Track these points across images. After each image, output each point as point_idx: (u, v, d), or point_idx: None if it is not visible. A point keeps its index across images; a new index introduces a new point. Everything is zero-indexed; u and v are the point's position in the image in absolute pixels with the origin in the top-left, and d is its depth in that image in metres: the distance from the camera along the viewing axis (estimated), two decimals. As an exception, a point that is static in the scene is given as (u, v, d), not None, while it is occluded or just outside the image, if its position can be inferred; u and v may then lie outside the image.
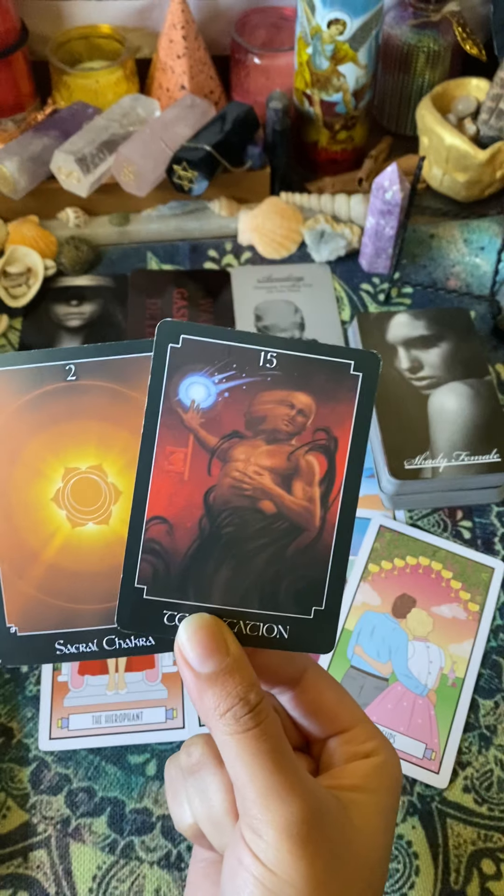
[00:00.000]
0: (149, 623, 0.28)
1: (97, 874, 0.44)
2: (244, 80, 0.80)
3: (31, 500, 0.29)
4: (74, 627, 0.30)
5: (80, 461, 0.29)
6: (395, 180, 0.66)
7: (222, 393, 0.27)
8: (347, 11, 0.67)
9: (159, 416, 0.27)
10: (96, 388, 0.28)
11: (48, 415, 0.29)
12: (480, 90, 0.76)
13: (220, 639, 0.27)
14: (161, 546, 0.28)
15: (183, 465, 0.28)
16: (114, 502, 0.29)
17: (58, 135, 0.72)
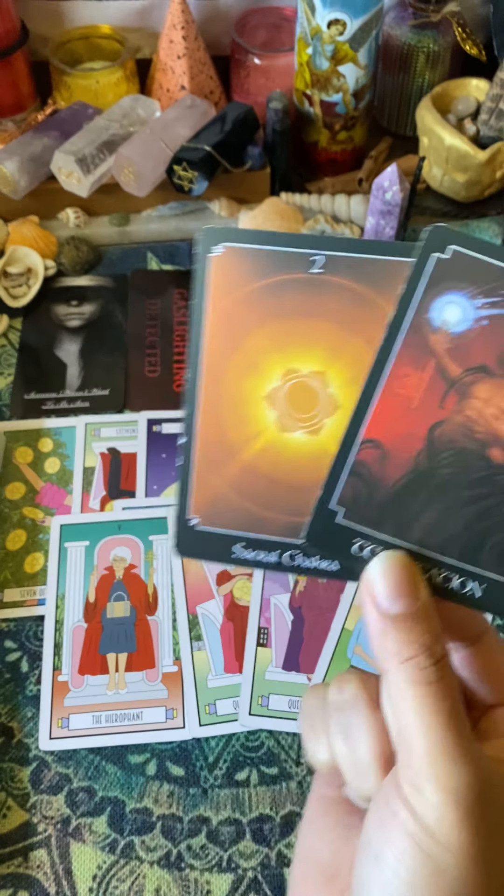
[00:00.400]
0: (338, 547, 0.26)
1: (97, 874, 0.44)
2: (244, 80, 0.80)
3: (242, 393, 0.27)
4: (258, 533, 0.27)
5: (305, 363, 0.26)
6: (395, 180, 0.66)
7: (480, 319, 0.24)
8: (347, 12, 0.67)
9: (403, 332, 0.25)
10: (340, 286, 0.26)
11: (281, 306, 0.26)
12: (480, 90, 0.76)
13: (413, 581, 0.25)
14: (369, 471, 0.25)
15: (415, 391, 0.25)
16: (330, 414, 0.26)
17: (58, 135, 0.72)
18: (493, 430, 0.24)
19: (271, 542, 0.27)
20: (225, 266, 0.27)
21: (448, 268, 0.24)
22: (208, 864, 0.45)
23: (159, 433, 0.62)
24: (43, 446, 0.61)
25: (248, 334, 0.26)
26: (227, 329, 0.27)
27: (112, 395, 0.65)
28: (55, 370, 0.66)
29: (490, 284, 0.24)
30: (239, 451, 0.27)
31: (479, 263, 0.24)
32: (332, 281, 0.26)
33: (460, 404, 0.25)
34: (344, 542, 0.26)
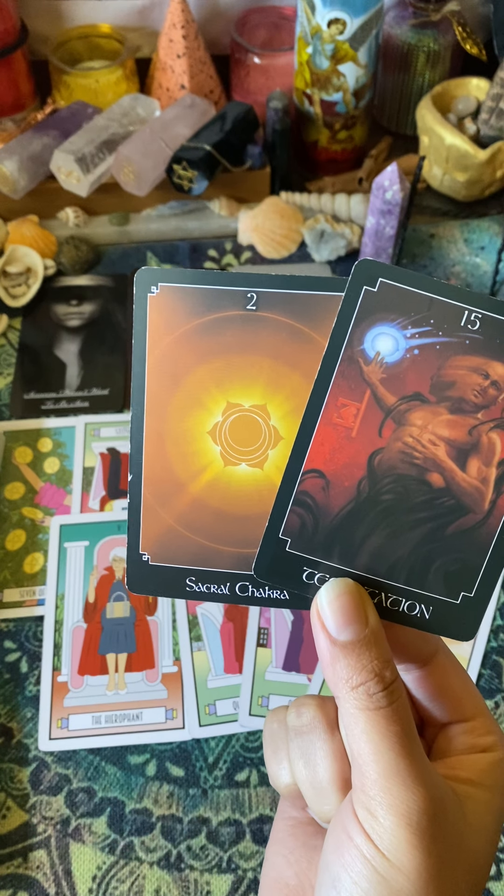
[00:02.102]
0: (287, 576, 0.27)
1: (97, 874, 0.44)
2: (244, 79, 0.80)
3: (186, 430, 0.28)
4: (209, 567, 0.28)
5: (245, 398, 0.27)
6: (396, 180, 0.66)
7: (412, 349, 0.25)
8: (347, 11, 0.67)
9: (338, 364, 0.25)
10: (276, 322, 0.26)
11: (220, 343, 0.27)
12: (480, 90, 0.76)
13: (361, 607, 0.26)
14: (314, 501, 0.26)
15: (353, 421, 0.26)
16: (272, 447, 0.27)
17: (57, 134, 0.72)
18: (431, 456, 0.25)
19: (223, 574, 0.28)
20: (162, 306, 0.27)
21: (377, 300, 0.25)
22: (208, 864, 0.45)
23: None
24: (42, 446, 0.61)
25: (190, 371, 0.27)
26: (168, 367, 0.27)
27: (112, 395, 0.64)
28: (55, 370, 0.66)
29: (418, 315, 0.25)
30: (186, 486, 0.28)
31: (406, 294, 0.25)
32: (268, 317, 0.26)
33: (398, 432, 0.26)
34: (293, 571, 0.26)
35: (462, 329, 0.25)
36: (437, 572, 0.26)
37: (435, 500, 0.26)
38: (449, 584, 0.26)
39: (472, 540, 0.26)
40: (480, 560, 0.26)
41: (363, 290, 0.25)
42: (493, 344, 0.24)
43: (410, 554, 0.26)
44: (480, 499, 0.26)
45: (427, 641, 0.28)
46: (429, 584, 0.26)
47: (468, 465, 0.26)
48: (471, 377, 0.25)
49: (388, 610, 0.26)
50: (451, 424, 0.25)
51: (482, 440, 0.25)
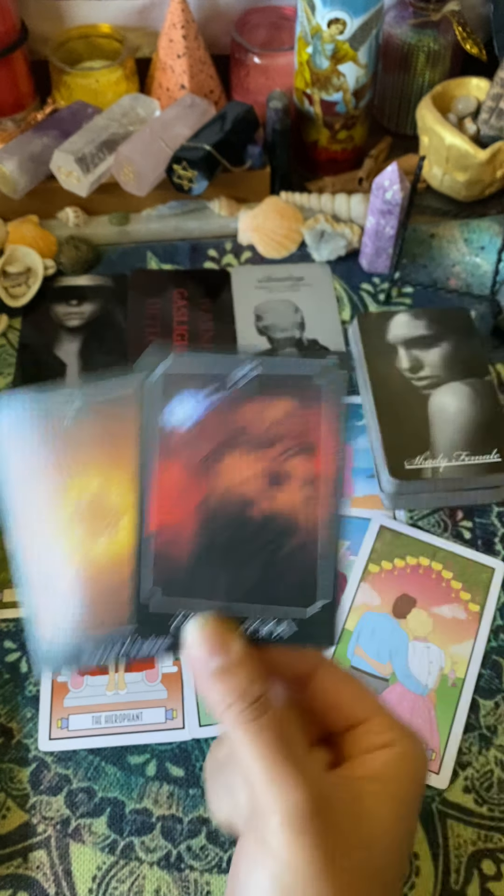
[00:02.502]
0: (160, 625, 0.30)
1: (97, 874, 0.44)
2: (244, 79, 0.80)
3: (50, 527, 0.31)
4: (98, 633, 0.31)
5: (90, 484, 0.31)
6: (396, 180, 0.66)
7: (208, 408, 0.29)
8: (347, 11, 0.67)
9: (152, 435, 0.29)
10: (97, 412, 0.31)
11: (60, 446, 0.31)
12: (481, 90, 0.76)
13: (223, 637, 0.28)
14: (166, 552, 0.29)
15: (177, 479, 0.29)
16: (121, 518, 0.31)
17: (57, 134, 0.72)
18: (243, 494, 0.29)
19: (111, 637, 0.31)
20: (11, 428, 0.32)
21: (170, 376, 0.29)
22: (208, 864, 0.45)
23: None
24: (42, 446, 0.61)
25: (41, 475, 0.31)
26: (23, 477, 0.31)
27: (112, 395, 0.64)
28: (55, 370, 0.66)
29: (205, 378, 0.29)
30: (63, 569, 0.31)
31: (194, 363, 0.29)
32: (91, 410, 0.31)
33: (213, 480, 0.29)
34: (164, 620, 0.30)
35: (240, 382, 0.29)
36: (286, 590, 0.29)
37: (263, 528, 0.29)
38: (297, 597, 0.29)
39: (305, 554, 0.29)
40: (314, 571, 0.29)
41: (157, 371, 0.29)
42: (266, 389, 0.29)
43: (258, 580, 0.29)
44: (299, 517, 0.29)
45: (303, 658, 0.31)
46: (281, 601, 0.29)
47: (280, 493, 0.29)
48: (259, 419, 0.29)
49: (253, 634, 0.29)
50: (256, 461, 0.29)
51: (284, 468, 0.29)
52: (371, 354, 0.61)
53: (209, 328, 0.69)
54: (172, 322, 0.70)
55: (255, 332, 0.69)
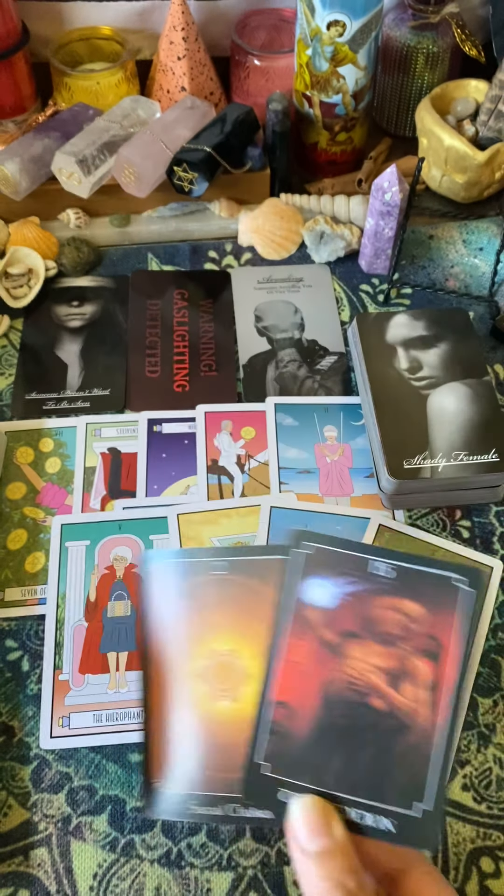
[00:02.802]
0: (266, 796, 0.31)
1: (98, 872, 0.44)
2: (244, 81, 0.80)
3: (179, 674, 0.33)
4: (206, 791, 0.33)
5: (222, 644, 0.33)
6: (395, 181, 0.66)
7: (344, 596, 0.31)
8: (347, 13, 0.67)
9: (288, 613, 0.31)
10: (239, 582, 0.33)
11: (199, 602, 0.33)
12: (479, 91, 0.76)
13: (326, 821, 0.28)
14: (283, 728, 0.31)
15: (306, 658, 0.31)
16: (245, 683, 0.33)
17: (59, 136, 0.73)
18: (371, 683, 0.30)
19: (217, 797, 0.32)
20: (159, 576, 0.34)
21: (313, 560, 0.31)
22: (208, 862, 0.45)
23: (160, 433, 0.62)
24: (44, 446, 0.61)
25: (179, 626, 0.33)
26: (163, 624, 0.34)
27: (112, 396, 0.65)
28: (56, 370, 0.67)
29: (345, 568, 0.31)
30: (183, 721, 0.33)
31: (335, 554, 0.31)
32: (233, 579, 0.33)
33: (340, 664, 0.30)
34: (271, 792, 0.30)
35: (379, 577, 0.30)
36: (392, 787, 0.30)
37: (380, 721, 0.30)
38: (403, 796, 0.30)
39: (416, 755, 0.29)
40: (426, 773, 0.29)
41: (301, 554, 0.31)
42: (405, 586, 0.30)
43: (366, 771, 0.30)
44: (417, 717, 0.29)
45: (399, 855, 0.30)
46: (386, 797, 0.30)
47: (402, 689, 0.30)
48: (392, 615, 0.30)
49: (355, 823, 0.30)
50: (383, 655, 0.30)
51: (410, 666, 0.30)
52: (370, 355, 0.62)
53: (209, 329, 0.69)
54: (173, 323, 0.70)
55: (256, 333, 0.69)
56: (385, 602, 0.30)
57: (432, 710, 0.29)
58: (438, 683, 0.29)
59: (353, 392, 0.65)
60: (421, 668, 0.30)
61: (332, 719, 0.30)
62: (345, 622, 0.30)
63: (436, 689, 0.29)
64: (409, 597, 0.30)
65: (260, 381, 0.66)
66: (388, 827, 0.30)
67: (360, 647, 0.30)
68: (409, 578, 0.30)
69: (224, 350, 0.68)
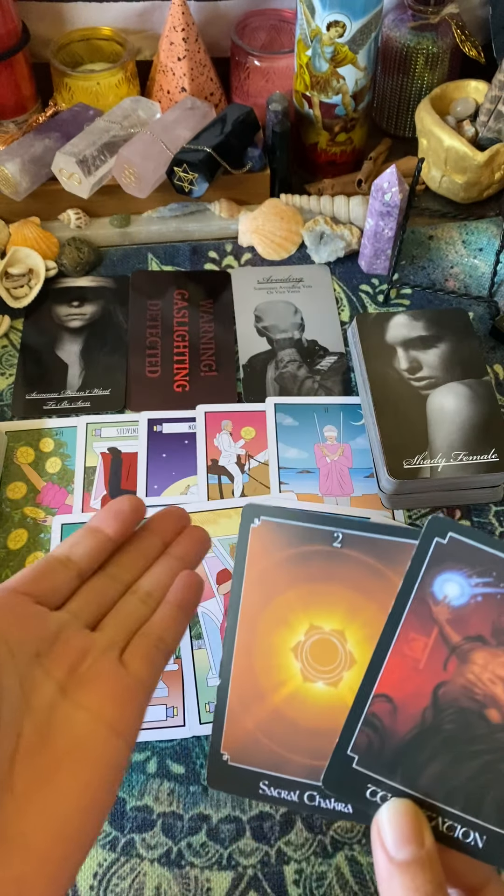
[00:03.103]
0: (352, 791, 0.29)
1: (98, 871, 0.44)
2: (244, 82, 0.80)
3: (272, 644, 0.31)
4: (281, 773, 0.31)
5: (326, 622, 0.31)
6: (395, 182, 0.66)
7: (476, 596, 0.28)
8: (347, 13, 0.67)
9: (410, 602, 0.28)
10: (357, 559, 0.30)
11: (308, 572, 0.31)
12: (479, 92, 0.76)
13: (418, 829, 0.27)
14: (381, 723, 0.29)
15: (421, 654, 0.28)
16: (347, 668, 0.30)
17: (59, 136, 0.73)
18: (491, 693, 0.28)
19: (293, 782, 0.31)
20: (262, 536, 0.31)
21: (447, 550, 0.28)
22: (208, 861, 0.45)
23: (160, 433, 0.62)
24: (44, 446, 0.62)
25: (280, 593, 0.31)
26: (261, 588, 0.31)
27: (113, 396, 0.65)
28: (56, 370, 0.67)
29: (483, 566, 0.28)
30: (267, 696, 0.31)
31: (472, 549, 0.28)
32: (350, 554, 0.30)
33: (461, 668, 0.28)
34: (358, 787, 0.29)
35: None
36: (493, 803, 0.27)
37: (493, 734, 0.27)
38: (500, 814, 0.27)
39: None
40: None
41: (435, 541, 0.28)
42: None
43: (468, 783, 0.28)
44: None
45: (478, 870, 0.29)
46: (484, 813, 0.28)
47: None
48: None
49: (443, 834, 0.28)
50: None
51: None
52: (370, 355, 0.62)
53: (209, 329, 0.70)
54: (173, 323, 0.70)
55: (256, 333, 0.69)
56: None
57: None
58: None
59: (353, 392, 0.65)
60: None
61: (439, 723, 0.28)
62: (474, 625, 0.28)
63: None
64: None
65: (260, 381, 0.66)
66: (477, 842, 0.28)
67: (487, 654, 0.28)
68: None
69: (224, 350, 0.68)
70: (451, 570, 0.28)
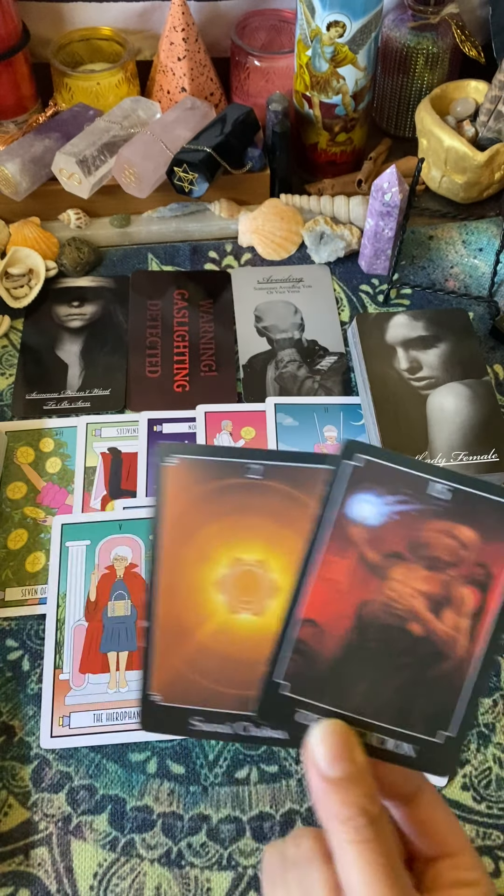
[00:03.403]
0: (284, 717, 0.29)
1: (98, 871, 0.44)
2: (244, 82, 0.80)
3: (195, 581, 0.31)
4: (212, 707, 0.31)
5: (247, 553, 0.31)
6: (395, 182, 0.66)
7: (392, 515, 0.28)
8: (347, 14, 0.67)
9: (328, 527, 0.29)
10: (275, 489, 0.30)
11: (226, 506, 0.30)
12: (479, 92, 0.76)
13: (348, 746, 0.28)
14: (308, 647, 0.29)
15: (342, 576, 0.29)
16: (271, 597, 0.31)
17: (59, 137, 0.73)
18: (411, 607, 0.28)
19: (225, 714, 0.31)
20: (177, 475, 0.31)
21: (361, 473, 0.28)
22: (208, 861, 0.45)
23: (160, 433, 0.62)
24: (44, 446, 0.62)
25: (199, 529, 0.31)
26: (180, 527, 0.31)
27: (113, 396, 0.65)
28: (56, 370, 0.67)
29: (397, 485, 0.28)
30: (194, 632, 0.31)
31: (387, 469, 0.28)
32: (268, 485, 0.30)
33: (381, 586, 0.29)
34: (289, 712, 0.29)
35: (434, 498, 0.28)
36: (419, 714, 0.29)
37: (415, 647, 0.28)
38: (429, 724, 0.29)
39: (449, 683, 0.28)
40: (456, 702, 0.29)
41: (349, 465, 0.28)
42: (461, 511, 0.28)
43: (395, 696, 0.29)
44: (455, 646, 0.28)
45: (410, 779, 0.30)
46: (412, 724, 0.29)
47: (443, 616, 0.28)
48: (443, 539, 0.28)
49: (375, 748, 0.29)
50: (427, 580, 0.28)
51: (454, 593, 0.28)
52: (370, 355, 0.62)
53: (209, 329, 0.70)
54: (173, 323, 0.70)
55: (256, 333, 0.69)
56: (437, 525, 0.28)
57: (471, 639, 0.28)
58: (482, 613, 0.28)
59: (353, 392, 0.65)
60: (466, 596, 0.28)
61: (363, 642, 0.29)
62: (391, 542, 0.28)
63: (478, 619, 0.28)
64: (464, 522, 0.28)
65: (260, 382, 0.66)
66: (408, 752, 0.29)
67: (405, 569, 0.28)
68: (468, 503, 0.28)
69: (224, 350, 0.68)
70: (367, 491, 0.28)
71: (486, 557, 0.28)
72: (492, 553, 0.28)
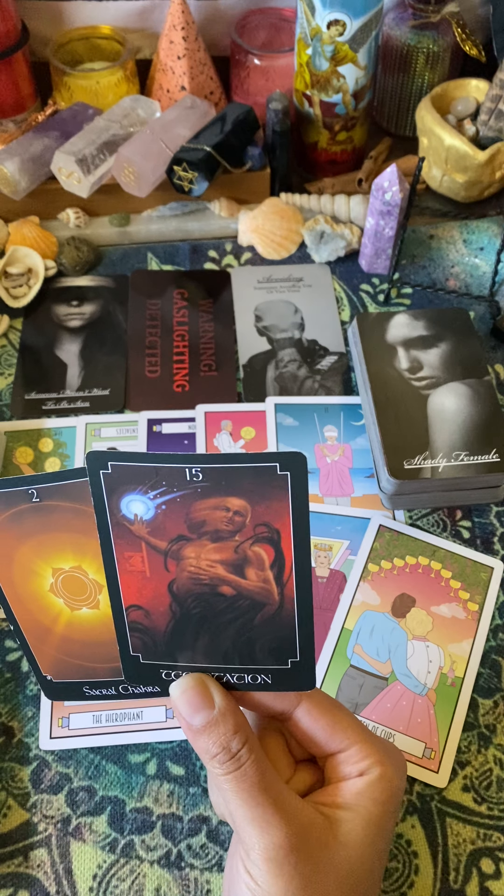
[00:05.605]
0: (150, 679, 0.34)
1: (97, 873, 0.44)
2: (244, 80, 0.80)
3: (33, 592, 0.35)
4: (95, 678, 0.36)
5: (63, 563, 0.34)
6: (395, 181, 0.66)
7: (160, 506, 0.31)
8: (347, 12, 0.67)
9: (110, 529, 0.31)
10: (58, 507, 0.33)
11: (26, 529, 0.33)
12: (480, 91, 0.76)
13: (205, 695, 0.32)
14: (143, 626, 0.33)
15: (142, 566, 0.32)
16: (99, 593, 0.34)
17: (58, 135, 0.73)
18: (214, 574, 0.31)
19: (106, 682, 0.36)
20: None
21: (114, 478, 0.30)
22: (208, 863, 0.45)
23: (159, 433, 0.62)
24: (43, 446, 0.61)
25: (15, 551, 0.34)
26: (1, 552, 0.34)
27: (112, 396, 0.65)
28: (55, 370, 0.66)
29: (151, 480, 0.30)
30: (51, 628, 0.35)
31: (136, 468, 0.30)
32: (51, 504, 0.33)
33: (180, 565, 0.31)
34: (153, 674, 0.33)
35: (190, 482, 0.30)
36: (262, 651, 0.32)
37: (234, 603, 0.32)
38: (275, 656, 0.32)
39: (278, 622, 0.32)
40: (292, 633, 0.32)
41: (101, 474, 0.30)
42: (220, 485, 0.30)
43: (235, 643, 0.32)
44: (269, 594, 0.31)
45: (282, 697, 0.34)
46: (259, 660, 0.32)
47: (247, 574, 0.31)
48: (216, 513, 0.30)
49: (235, 685, 0.33)
50: (219, 549, 0.31)
51: (248, 554, 0.31)
52: (370, 355, 0.62)
53: (209, 329, 0.69)
54: (173, 323, 0.70)
55: (256, 333, 0.69)
56: (208, 503, 0.30)
57: (283, 584, 0.31)
58: (282, 563, 0.31)
59: (354, 392, 0.65)
60: (261, 553, 0.31)
61: (187, 611, 0.32)
62: (171, 529, 0.31)
63: (281, 568, 0.31)
64: (230, 494, 0.30)
65: (260, 381, 0.66)
66: (264, 680, 0.32)
67: (194, 547, 0.31)
68: (222, 477, 0.30)
69: (224, 350, 0.68)
70: (129, 492, 0.30)
71: (264, 517, 0.30)
72: (265, 512, 0.30)
